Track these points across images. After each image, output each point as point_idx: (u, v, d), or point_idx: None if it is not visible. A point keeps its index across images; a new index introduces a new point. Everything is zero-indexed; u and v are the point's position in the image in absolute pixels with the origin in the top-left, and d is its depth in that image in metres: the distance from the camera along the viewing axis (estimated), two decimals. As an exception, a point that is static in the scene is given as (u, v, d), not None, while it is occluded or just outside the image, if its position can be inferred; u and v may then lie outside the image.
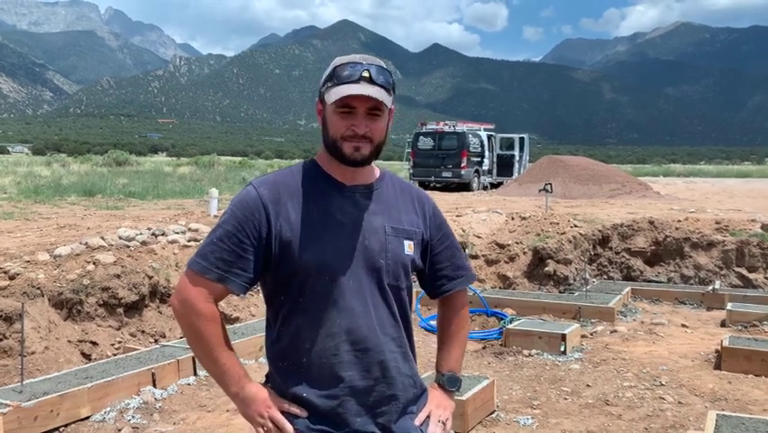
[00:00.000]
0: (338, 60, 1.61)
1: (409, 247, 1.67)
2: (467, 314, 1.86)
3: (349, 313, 1.58)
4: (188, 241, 7.51)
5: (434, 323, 7.31)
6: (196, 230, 7.92)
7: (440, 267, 1.77)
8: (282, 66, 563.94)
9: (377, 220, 1.64)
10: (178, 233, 7.71)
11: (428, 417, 1.72)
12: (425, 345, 6.24)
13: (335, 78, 1.57)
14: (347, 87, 1.54)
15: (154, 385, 4.68)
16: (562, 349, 5.78)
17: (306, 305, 1.60)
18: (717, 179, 32.68)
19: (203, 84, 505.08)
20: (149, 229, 7.78)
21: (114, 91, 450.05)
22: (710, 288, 8.18)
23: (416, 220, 1.72)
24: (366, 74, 1.56)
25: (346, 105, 1.56)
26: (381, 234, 1.64)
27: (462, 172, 21.62)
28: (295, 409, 1.59)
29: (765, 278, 8.74)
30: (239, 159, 46.61)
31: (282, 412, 1.59)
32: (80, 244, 6.59)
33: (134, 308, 6.20)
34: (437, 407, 1.75)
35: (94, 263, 6.15)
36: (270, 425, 1.58)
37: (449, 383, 1.80)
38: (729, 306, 7.16)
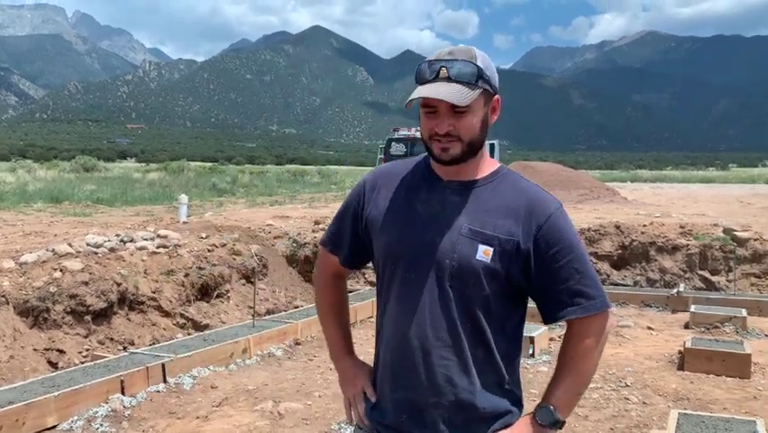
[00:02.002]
0: (428, 57, 1.57)
1: (484, 253, 1.52)
2: (589, 348, 1.57)
3: (407, 308, 1.57)
4: (157, 247, 7.45)
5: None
6: (165, 236, 7.86)
7: (550, 289, 1.55)
8: (254, 71, 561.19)
9: (459, 218, 1.55)
10: (146, 239, 7.64)
11: None
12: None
13: (416, 76, 1.56)
14: (422, 87, 1.52)
15: (123, 393, 4.64)
16: (531, 352, 5.87)
17: (382, 289, 1.66)
18: (683, 184, 33.40)
19: (173, 89, 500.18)
20: (117, 236, 7.70)
21: (82, 96, 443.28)
22: (675, 291, 8.37)
23: (511, 227, 1.53)
24: (444, 72, 1.50)
25: (427, 104, 1.53)
26: (456, 233, 1.54)
27: (434, 178, 21.80)
28: (369, 392, 1.69)
29: (727, 281, 8.97)
30: (209, 164, 46.19)
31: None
32: (47, 251, 6.50)
33: (103, 316, 6.14)
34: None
35: (61, 270, 6.07)
36: (348, 402, 1.74)
37: (539, 415, 1.58)
38: (693, 308, 7.35)
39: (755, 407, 4.61)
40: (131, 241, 7.49)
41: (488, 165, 1.63)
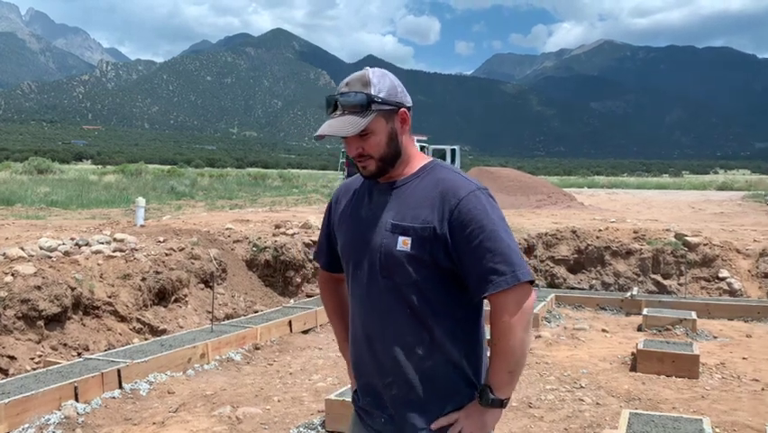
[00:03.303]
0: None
1: (404, 243, 1.63)
2: (508, 325, 1.60)
3: (358, 301, 1.75)
4: (113, 251, 7.32)
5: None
6: (121, 240, 7.73)
7: (468, 269, 1.62)
8: (214, 73, 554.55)
9: (384, 215, 1.70)
10: (102, 243, 7.51)
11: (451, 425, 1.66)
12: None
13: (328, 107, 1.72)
14: (325, 122, 1.69)
15: (76, 399, 4.55)
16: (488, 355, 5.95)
17: (347, 288, 1.84)
18: (638, 190, 34.21)
19: (131, 90, 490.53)
20: (72, 239, 7.55)
21: (36, 96, 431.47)
22: (628, 294, 8.58)
23: (427, 215, 1.64)
24: (335, 105, 1.68)
25: None
26: (382, 229, 1.68)
27: (396, 182, 21.88)
28: (352, 381, 1.87)
29: (679, 284, 9.24)
30: (168, 167, 45.48)
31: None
32: (-3, 254, 6.33)
33: (56, 321, 6.00)
34: (466, 417, 1.66)
35: (12, 275, 5.92)
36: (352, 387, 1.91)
37: (481, 397, 1.66)
38: (645, 311, 7.55)
39: (703, 406, 4.77)
40: (86, 245, 7.35)
41: (418, 162, 1.76)
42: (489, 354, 1.69)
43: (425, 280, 1.64)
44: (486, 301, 1.68)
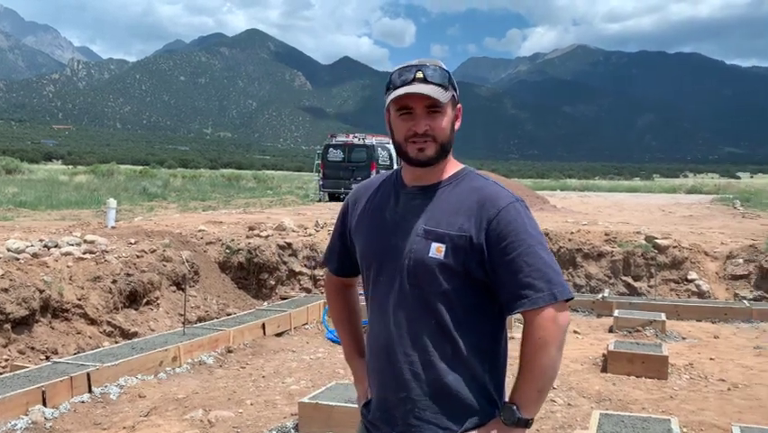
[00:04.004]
0: (396, 68, 1.67)
1: (437, 250, 1.57)
2: (541, 342, 1.53)
3: (379, 308, 1.67)
4: (84, 253, 7.21)
5: (339, 334, 7.37)
6: (92, 242, 7.62)
7: (503, 282, 1.56)
8: (188, 73, 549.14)
9: (416, 221, 1.62)
10: (72, 245, 7.39)
11: None
12: (331, 355, 6.30)
13: (391, 84, 1.64)
14: (403, 88, 1.61)
15: (44, 404, 4.47)
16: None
17: (366, 293, 1.76)
18: (610, 193, 34.64)
19: (103, 89, 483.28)
20: (41, 241, 7.42)
21: (5, 94, 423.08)
22: (600, 296, 8.70)
23: (464, 223, 1.58)
24: (420, 74, 1.60)
25: (404, 106, 1.62)
26: (413, 234, 1.61)
27: (371, 185, 21.90)
28: (364, 391, 1.81)
29: (649, 286, 9.38)
30: (140, 168, 44.92)
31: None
32: (-37, 256, 6.20)
33: (24, 324, 5.89)
34: None
35: (-22, 277, 5.79)
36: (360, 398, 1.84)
37: (504, 415, 1.57)
38: (616, 313, 7.65)
39: (671, 406, 4.85)
40: (55, 246, 7.23)
41: (451, 168, 1.70)
42: (518, 371, 1.59)
43: (455, 291, 1.58)
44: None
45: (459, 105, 1.68)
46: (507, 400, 1.61)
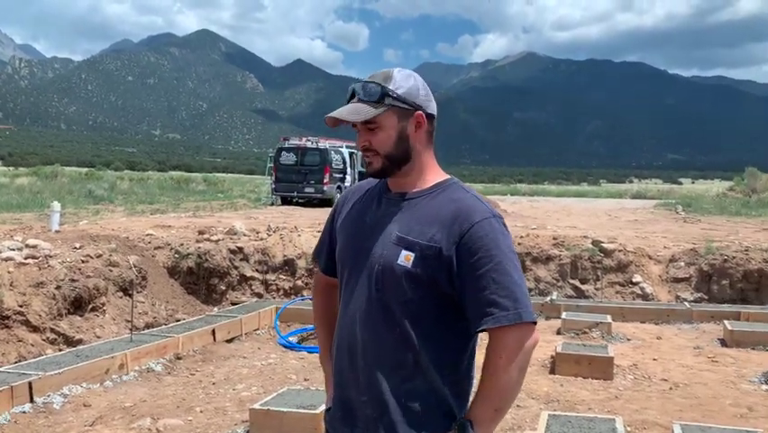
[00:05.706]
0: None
1: (406, 258, 1.56)
2: (503, 363, 1.52)
3: (346, 310, 1.67)
4: (26, 258, 6.98)
5: (293, 339, 7.32)
6: (34, 246, 7.38)
7: (470, 298, 1.54)
8: (136, 73, 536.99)
9: (391, 227, 1.63)
10: (13, 249, 7.15)
11: None
12: (282, 361, 6.26)
13: None
14: (337, 109, 1.66)
15: (-17, 415, 4.31)
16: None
17: (339, 293, 1.76)
18: (558, 198, 35.32)
19: (46, 89, 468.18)
20: (-21, 245, 7.14)
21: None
22: (548, 299, 8.87)
23: (435, 234, 1.56)
24: (351, 93, 1.66)
25: (350, 123, 1.67)
26: (387, 240, 1.61)
27: (325, 188, 21.76)
28: (329, 393, 1.79)
29: (595, 289, 9.62)
30: (85, 170, 43.66)
31: None
32: None
33: (-40, 333, 5.66)
34: None
35: None
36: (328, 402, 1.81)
37: (459, 431, 1.55)
38: (564, 315, 7.81)
39: (617, 406, 4.99)
40: (-5, 251, 6.97)
41: (433, 177, 1.70)
42: (478, 388, 1.58)
43: (420, 301, 1.57)
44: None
45: (417, 113, 1.65)
46: (465, 415, 1.59)
